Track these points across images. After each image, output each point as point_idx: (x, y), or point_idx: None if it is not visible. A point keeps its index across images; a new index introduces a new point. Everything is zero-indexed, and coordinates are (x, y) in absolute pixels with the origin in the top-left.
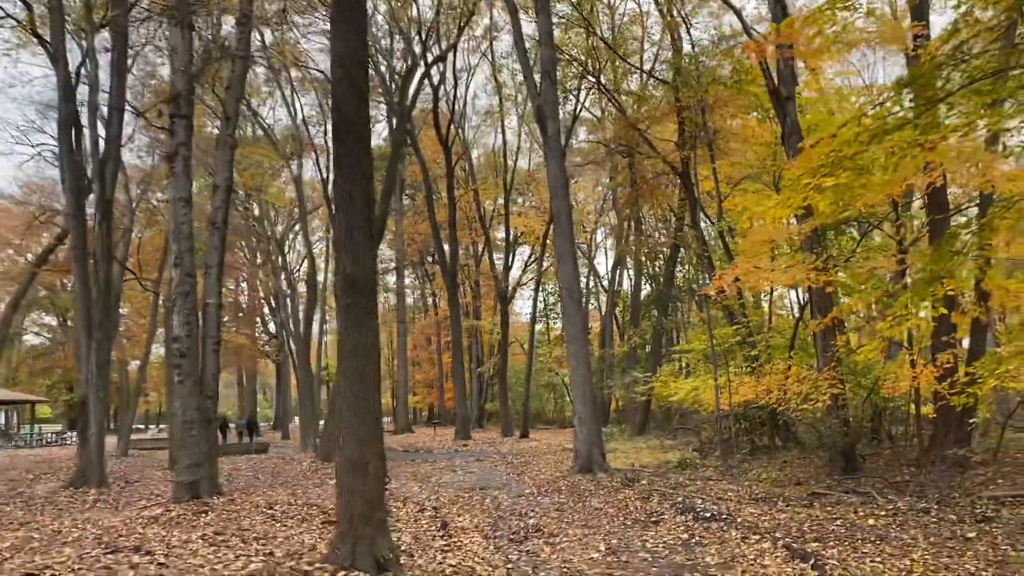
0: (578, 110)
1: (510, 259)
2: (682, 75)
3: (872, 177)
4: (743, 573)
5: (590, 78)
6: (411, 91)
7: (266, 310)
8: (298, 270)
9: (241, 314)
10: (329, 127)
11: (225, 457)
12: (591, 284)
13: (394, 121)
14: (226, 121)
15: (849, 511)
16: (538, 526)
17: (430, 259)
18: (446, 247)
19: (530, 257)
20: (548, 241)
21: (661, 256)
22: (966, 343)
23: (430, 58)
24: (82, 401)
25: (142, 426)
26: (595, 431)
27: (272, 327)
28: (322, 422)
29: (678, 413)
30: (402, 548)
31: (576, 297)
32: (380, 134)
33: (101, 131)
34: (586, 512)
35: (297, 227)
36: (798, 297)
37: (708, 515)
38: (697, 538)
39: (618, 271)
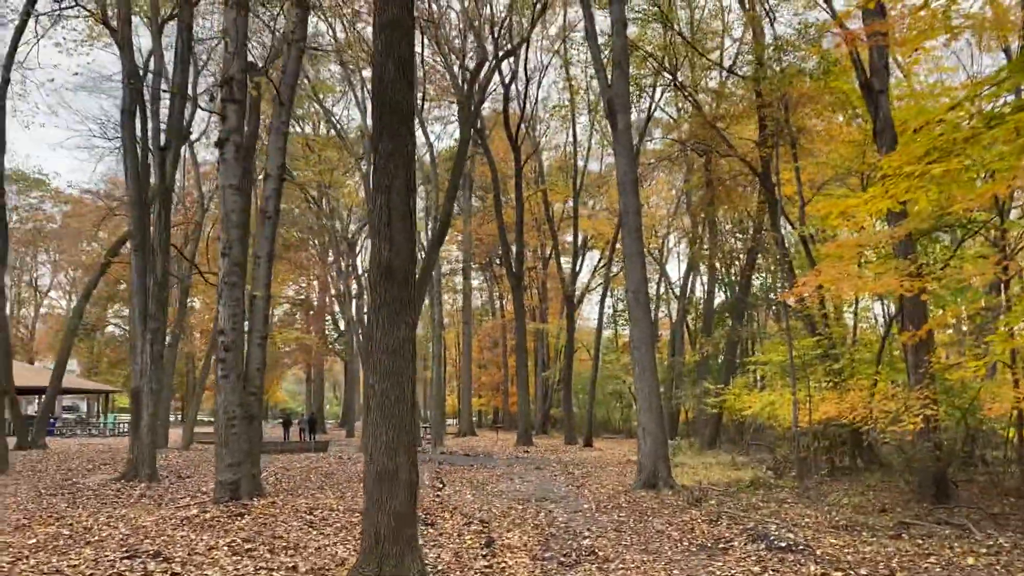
0: (652, 108)
1: (578, 263)
2: (764, 66)
3: (986, 167)
4: None
5: (666, 75)
6: (480, 85)
7: (336, 308)
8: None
9: (312, 312)
10: None
11: (282, 455)
12: (662, 290)
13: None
14: (280, 107)
15: (943, 546)
16: (592, 548)
17: (497, 261)
18: (513, 249)
19: (599, 261)
20: (617, 245)
21: (737, 262)
22: None
23: (501, 54)
24: (135, 392)
25: (213, 419)
26: (661, 443)
27: (342, 325)
28: None
29: (751, 428)
30: (439, 568)
31: (643, 300)
32: (451, 135)
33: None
34: (647, 534)
35: (367, 227)
36: (883, 309)
37: (783, 544)
38: (770, 571)
39: (691, 277)
